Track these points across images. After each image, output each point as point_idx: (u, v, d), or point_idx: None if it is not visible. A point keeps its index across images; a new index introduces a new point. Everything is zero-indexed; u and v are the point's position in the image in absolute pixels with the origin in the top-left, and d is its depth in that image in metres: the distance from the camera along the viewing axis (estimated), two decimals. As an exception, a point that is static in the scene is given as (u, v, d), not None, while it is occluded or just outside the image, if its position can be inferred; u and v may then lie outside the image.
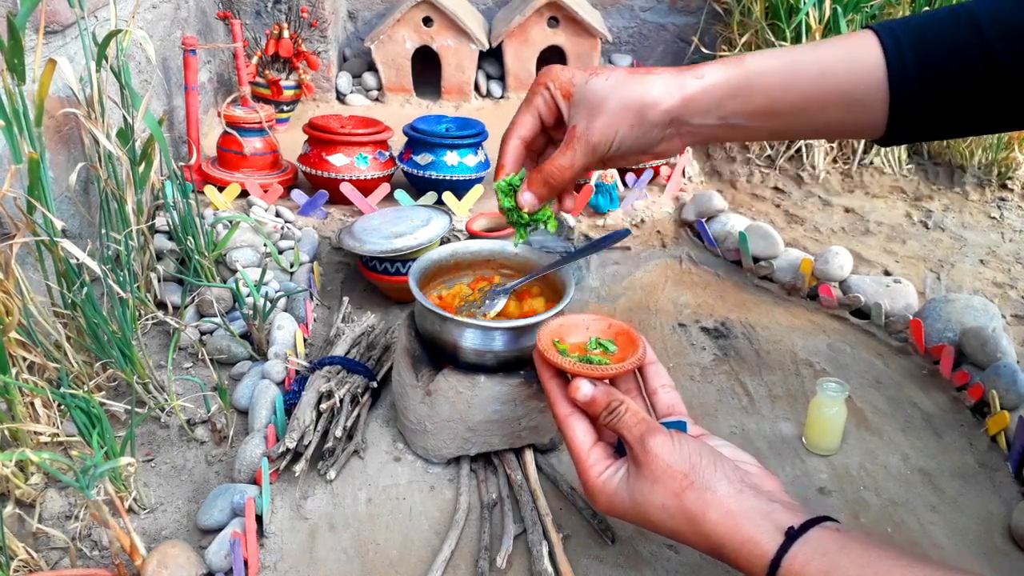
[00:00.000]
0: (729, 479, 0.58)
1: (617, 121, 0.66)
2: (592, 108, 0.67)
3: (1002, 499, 0.82)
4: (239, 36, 1.43)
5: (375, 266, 1.09)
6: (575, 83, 0.68)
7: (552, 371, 0.68)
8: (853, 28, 1.48)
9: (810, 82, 0.66)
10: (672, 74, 0.67)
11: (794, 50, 0.69)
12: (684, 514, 0.58)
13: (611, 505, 0.62)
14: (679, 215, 1.36)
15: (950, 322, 1.03)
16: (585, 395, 0.64)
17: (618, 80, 0.66)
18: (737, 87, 0.67)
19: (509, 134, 0.73)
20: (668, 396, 0.69)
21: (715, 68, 0.67)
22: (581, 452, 0.64)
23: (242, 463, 0.79)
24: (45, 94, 0.85)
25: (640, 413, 0.63)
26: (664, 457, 0.59)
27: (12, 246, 0.78)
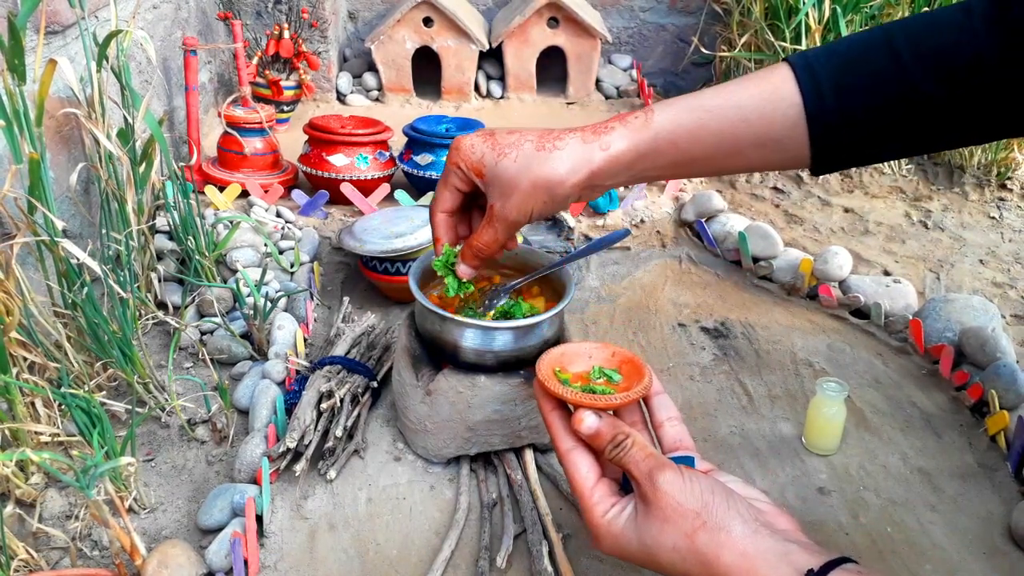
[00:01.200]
0: (743, 518, 0.55)
1: (530, 200, 0.67)
2: (504, 189, 0.68)
3: (1002, 499, 0.82)
4: (239, 36, 1.43)
5: (375, 266, 1.09)
6: (485, 163, 0.69)
7: (554, 402, 0.65)
8: (852, 29, 1.48)
9: (721, 132, 0.65)
10: (579, 144, 0.66)
11: (707, 97, 0.67)
12: (696, 556, 0.55)
13: (617, 547, 0.59)
14: (679, 215, 1.36)
15: (949, 322, 1.03)
16: (589, 427, 0.61)
17: (526, 160, 0.67)
18: (646, 151, 0.66)
19: (433, 210, 0.75)
20: (675, 430, 0.66)
21: (622, 136, 0.66)
22: (584, 490, 0.61)
23: (242, 463, 0.79)
24: (46, 94, 0.85)
25: (648, 447, 0.60)
26: (675, 495, 0.56)
27: (13, 246, 0.78)
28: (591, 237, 1.28)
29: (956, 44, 0.60)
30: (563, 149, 0.66)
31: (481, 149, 0.69)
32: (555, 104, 1.89)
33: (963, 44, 0.60)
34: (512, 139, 0.68)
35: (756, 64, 1.60)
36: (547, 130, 0.69)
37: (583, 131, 0.67)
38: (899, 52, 0.61)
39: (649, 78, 1.99)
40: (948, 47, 0.60)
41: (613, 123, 0.67)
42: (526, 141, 0.67)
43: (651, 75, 2.03)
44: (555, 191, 0.67)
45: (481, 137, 0.70)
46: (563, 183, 0.66)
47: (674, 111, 0.66)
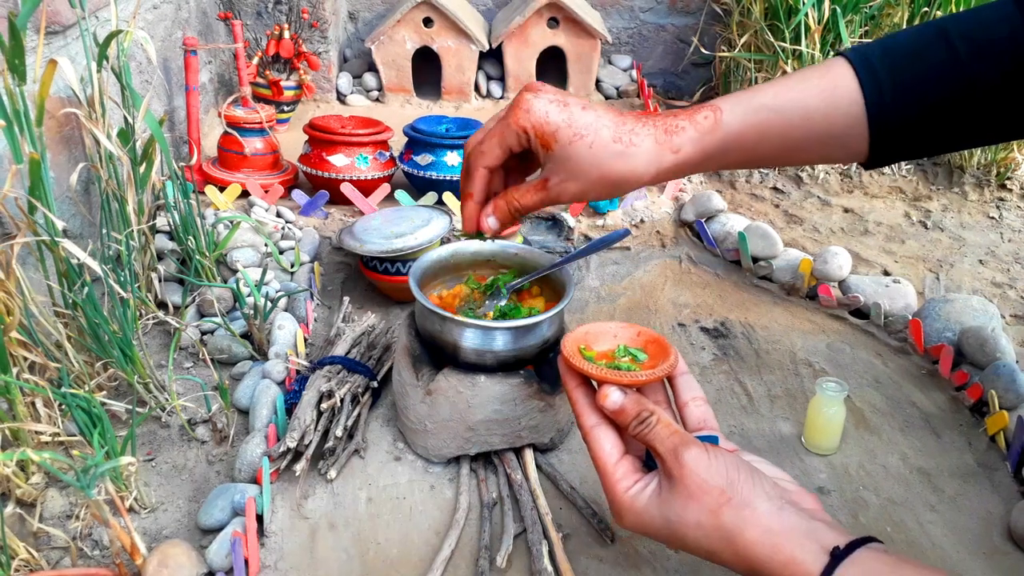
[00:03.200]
0: (769, 496, 0.55)
1: (591, 189, 0.66)
2: (570, 172, 0.66)
3: (1001, 499, 0.82)
4: (240, 37, 1.43)
5: (375, 266, 1.09)
6: (558, 139, 0.65)
7: (578, 379, 0.65)
8: (852, 29, 1.48)
9: (785, 132, 0.65)
10: (653, 145, 0.65)
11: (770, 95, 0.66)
12: (721, 533, 0.55)
13: (640, 522, 0.59)
14: (678, 215, 1.36)
15: (949, 322, 1.03)
16: (614, 403, 0.61)
17: (601, 149, 0.64)
18: (713, 153, 0.66)
19: (475, 162, 0.70)
20: (700, 409, 0.65)
21: (692, 140, 0.65)
22: (607, 466, 0.61)
23: (243, 463, 0.79)
24: (46, 94, 0.85)
25: (673, 425, 0.59)
26: (700, 472, 0.56)
27: (13, 246, 0.78)
28: (591, 237, 1.28)
29: (1012, 36, 0.61)
30: (638, 147, 0.64)
31: (556, 120, 0.65)
32: (555, 104, 1.88)
33: (1020, 35, 0.60)
34: (589, 119, 0.65)
35: (756, 64, 1.60)
36: (619, 114, 0.66)
37: (655, 126, 0.65)
38: (955, 46, 0.62)
39: (649, 78, 1.99)
40: (1004, 39, 0.61)
41: (683, 121, 0.65)
42: (603, 127, 0.64)
43: (651, 75, 2.03)
44: (620, 186, 0.66)
45: (556, 105, 0.65)
46: (631, 182, 0.65)
47: (741, 111, 0.65)
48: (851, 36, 1.47)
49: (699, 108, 0.66)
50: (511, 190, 0.70)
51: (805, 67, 0.69)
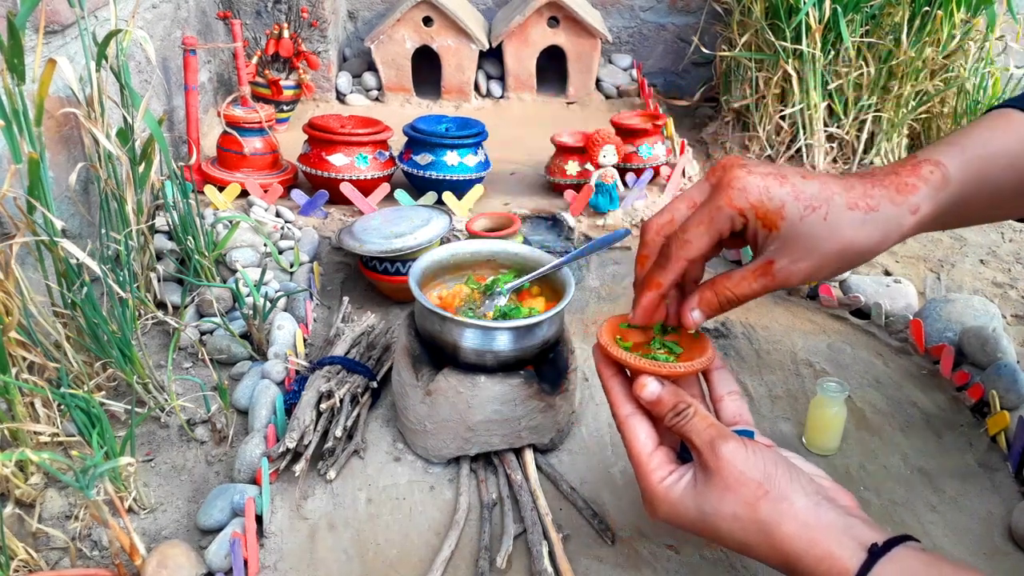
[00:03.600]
0: (806, 491, 0.55)
1: (827, 266, 0.59)
2: (803, 250, 0.58)
3: (1002, 499, 0.82)
4: (239, 36, 1.43)
5: (375, 266, 1.09)
6: (785, 215, 0.58)
7: (613, 368, 0.64)
8: (853, 28, 1.48)
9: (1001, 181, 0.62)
10: (891, 206, 0.58)
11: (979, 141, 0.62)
12: (757, 526, 0.54)
13: (674, 513, 0.58)
14: (679, 215, 1.36)
15: (950, 322, 1.03)
16: (651, 393, 0.60)
17: (837, 221, 0.58)
18: (944, 211, 0.61)
19: (677, 252, 0.60)
20: (735, 404, 0.64)
21: (928, 197, 0.59)
22: (642, 455, 0.60)
23: (242, 463, 0.79)
24: (45, 94, 0.85)
25: (710, 417, 0.59)
26: (737, 464, 0.55)
27: (12, 246, 0.78)
28: (591, 237, 1.28)
29: None
30: (877, 211, 0.58)
31: (780, 195, 0.58)
32: (555, 104, 1.89)
33: None
34: (814, 189, 0.58)
35: (756, 64, 1.60)
36: (843, 179, 0.60)
37: (884, 187, 0.59)
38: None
39: (649, 78, 1.99)
40: None
41: (911, 179, 0.59)
42: (834, 193, 0.58)
43: (651, 75, 2.03)
44: (861, 258, 0.60)
45: (775, 179, 0.58)
46: (872, 251, 0.59)
47: (960, 162, 0.61)
48: (852, 36, 1.47)
49: (918, 163, 0.61)
50: (720, 279, 0.62)
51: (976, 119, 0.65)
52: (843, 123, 1.56)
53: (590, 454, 0.86)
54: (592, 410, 0.93)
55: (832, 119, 1.58)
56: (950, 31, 1.48)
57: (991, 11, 1.49)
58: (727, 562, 0.73)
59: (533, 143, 1.54)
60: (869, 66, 1.50)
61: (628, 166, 1.36)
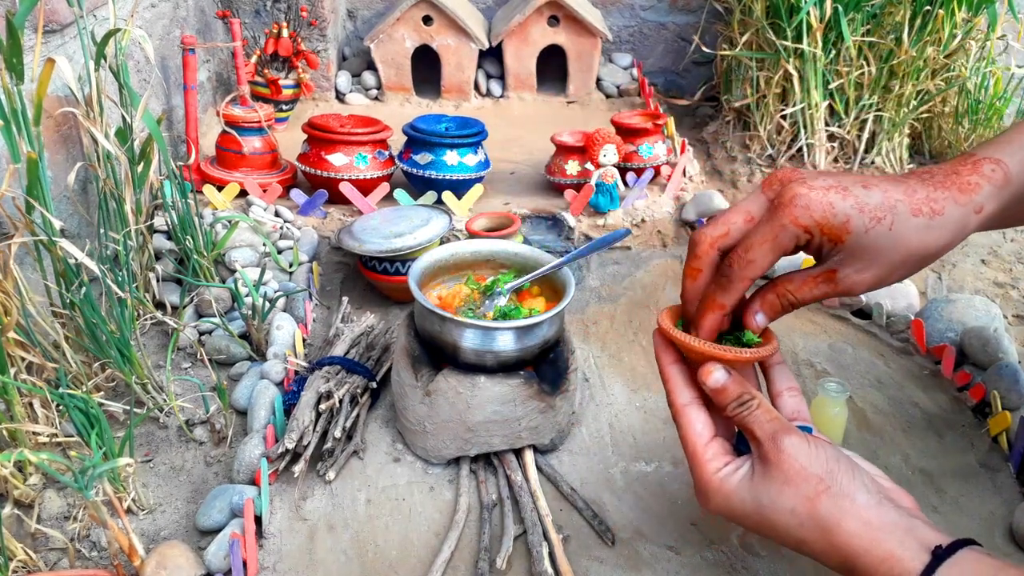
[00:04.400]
0: (868, 489, 0.54)
1: (892, 273, 0.59)
2: (869, 260, 0.59)
3: (1003, 499, 0.81)
4: (238, 35, 1.43)
5: (374, 266, 1.09)
6: (851, 229, 0.57)
7: (674, 355, 0.63)
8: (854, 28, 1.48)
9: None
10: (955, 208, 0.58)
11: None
12: (816, 522, 0.53)
13: (728, 506, 0.57)
14: (680, 215, 1.36)
15: (951, 322, 1.02)
16: (717, 381, 0.59)
17: (902, 228, 0.57)
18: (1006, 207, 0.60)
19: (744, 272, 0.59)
20: (794, 400, 0.64)
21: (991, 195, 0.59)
22: (698, 446, 0.59)
23: (241, 464, 0.79)
24: (44, 93, 0.84)
25: (773, 410, 0.58)
26: (799, 458, 0.54)
27: (11, 246, 0.78)
28: (591, 237, 1.28)
29: None
30: (943, 215, 0.58)
31: (844, 210, 0.57)
32: (555, 103, 1.88)
33: None
34: (879, 198, 0.58)
35: (757, 63, 1.59)
36: (904, 182, 0.59)
37: (947, 188, 0.59)
38: None
39: (650, 77, 1.98)
40: None
41: (974, 178, 0.59)
42: (897, 201, 0.58)
43: (652, 74, 2.03)
44: (927, 262, 0.60)
45: (837, 192, 0.58)
46: (937, 254, 0.59)
47: (1021, 159, 0.60)
48: (853, 35, 1.46)
49: (977, 161, 0.61)
50: (782, 282, 0.62)
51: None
52: (844, 122, 1.56)
53: (590, 455, 0.86)
54: (592, 410, 0.93)
55: (833, 118, 1.57)
56: (951, 30, 1.47)
57: (992, 10, 1.49)
58: (728, 563, 0.73)
59: (533, 143, 1.54)
60: (870, 65, 1.50)
61: (628, 165, 1.36)
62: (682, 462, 0.85)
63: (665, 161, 1.39)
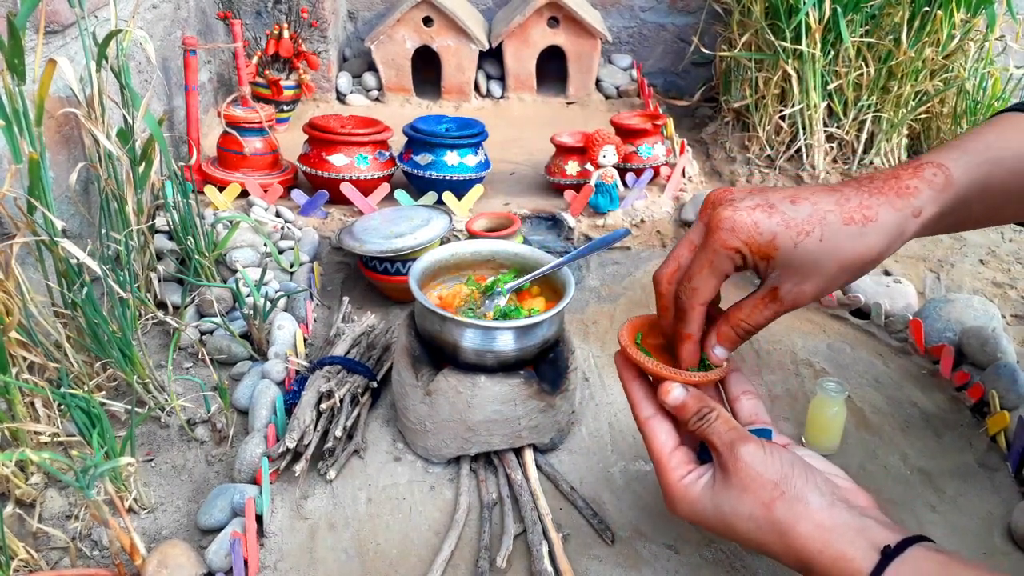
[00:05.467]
0: (821, 491, 0.56)
1: (831, 283, 0.60)
2: (803, 274, 0.60)
3: (1002, 499, 0.82)
4: (239, 36, 1.43)
5: (375, 266, 1.09)
6: (779, 246, 0.58)
7: (635, 372, 0.66)
8: (853, 29, 1.48)
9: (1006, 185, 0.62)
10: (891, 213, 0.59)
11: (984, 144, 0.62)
12: (773, 525, 0.56)
13: (692, 511, 0.60)
14: (679, 215, 1.36)
15: (950, 322, 1.03)
16: (676, 399, 0.62)
17: (833, 239, 0.58)
18: (947, 213, 0.61)
19: (690, 302, 0.62)
20: (751, 403, 0.66)
21: (931, 199, 0.59)
22: (663, 455, 0.62)
23: (242, 463, 0.79)
24: (45, 94, 0.85)
25: (731, 420, 0.60)
26: (755, 466, 0.57)
27: (12, 246, 0.78)
28: (591, 237, 1.28)
29: None
30: (876, 221, 0.58)
31: (770, 228, 0.58)
32: (555, 104, 1.89)
33: None
34: (807, 211, 0.58)
35: (756, 64, 1.60)
36: (838, 191, 0.60)
37: (882, 192, 0.59)
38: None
39: (649, 78, 1.98)
40: None
41: (913, 181, 0.60)
42: (827, 213, 0.58)
43: (651, 75, 2.03)
44: (868, 267, 0.60)
45: (763, 211, 0.59)
46: (875, 261, 0.60)
47: (964, 164, 0.61)
48: (852, 36, 1.47)
49: (920, 165, 0.61)
50: (733, 312, 0.64)
51: (983, 122, 0.64)
52: (843, 123, 1.56)
53: (590, 454, 0.86)
54: (592, 410, 0.93)
55: (832, 119, 1.58)
56: (950, 31, 1.48)
57: (991, 11, 1.49)
58: (727, 562, 0.73)
59: (533, 143, 1.54)
60: (869, 66, 1.50)
61: (628, 166, 1.36)
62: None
63: (664, 162, 1.40)
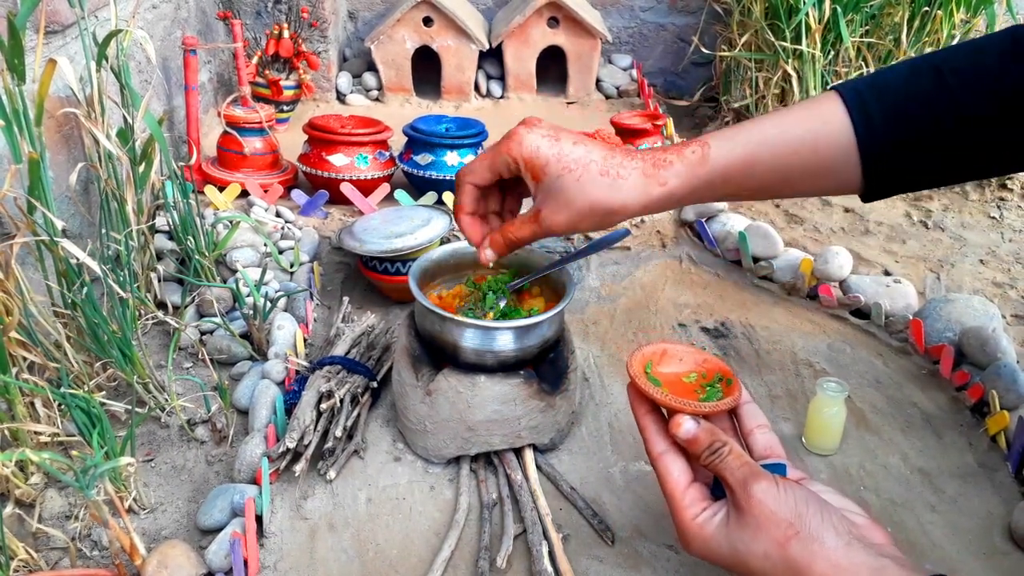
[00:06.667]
0: (837, 530, 0.55)
1: (581, 219, 0.68)
2: (559, 203, 0.68)
3: (1002, 499, 0.82)
4: (239, 36, 1.43)
5: (375, 266, 1.09)
6: (547, 172, 0.68)
7: (647, 405, 0.65)
8: (853, 28, 1.48)
9: (773, 165, 0.67)
10: (640, 178, 0.67)
11: (758, 130, 0.68)
12: (788, 565, 0.54)
13: (706, 549, 0.59)
14: (679, 215, 1.36)
15: (950, 322, 1.03)
16: (687, 432, 0.61)
17: (589, 181, 0.67)
18: (700, 187, 0.68)
19: (463, 178, 0.73)
20: (765, 437, 0.66)
21: (678, 174, 0.67)
22: (676, 492, 0.61)
23: (242, 463, 0.79)
24: (45, 94, 0.85)
25: (744, 456, 0.60)
26: (769, 504, 0.56)
27: (12, 246, 0.78)
28: (591, 237, 1.28)
29: (1001, 67, 0.62)
30: (626, 179, 0.67)
31: (546, 154, 0.68)
32: (555, 104, 1.89)
33: (1008, 68, 0.62)
34: (578, 153, 0.68)
35: (756, 64, 1.60)
36: (611, 151, 0.68)
37: (643, 160, 0.68)
38: (944, 76, 0.63)
39: (649, 78, 1.98)
40: (993, 69, 0.62)
41: (672, 156, 0.68)
42: (591, 161, 0.67)
43: (651, 75, 2.03)
44: (609, 217, 0.68)
45: (548, 140, 0.69)
46: (619, 213, 0.68)
47: (729, 145, 0.67)
48: (852, 36, 1.47)
49: (688, 143, 0.68)
50: (506, 225, 0.73)
51: (797, 102, 0.70)
52: (843, 123, 1.56)
53: (590, 454, 0.86)
54: (592, 410, 0.93)
55: (832, 119, 1.58)
56: (950, 31, 1.48)
57: (991, 11, 1.49)
58: (727, 562, 0.73)
59: (533, 143, 1.54)
60: (869, 66, 1.50)
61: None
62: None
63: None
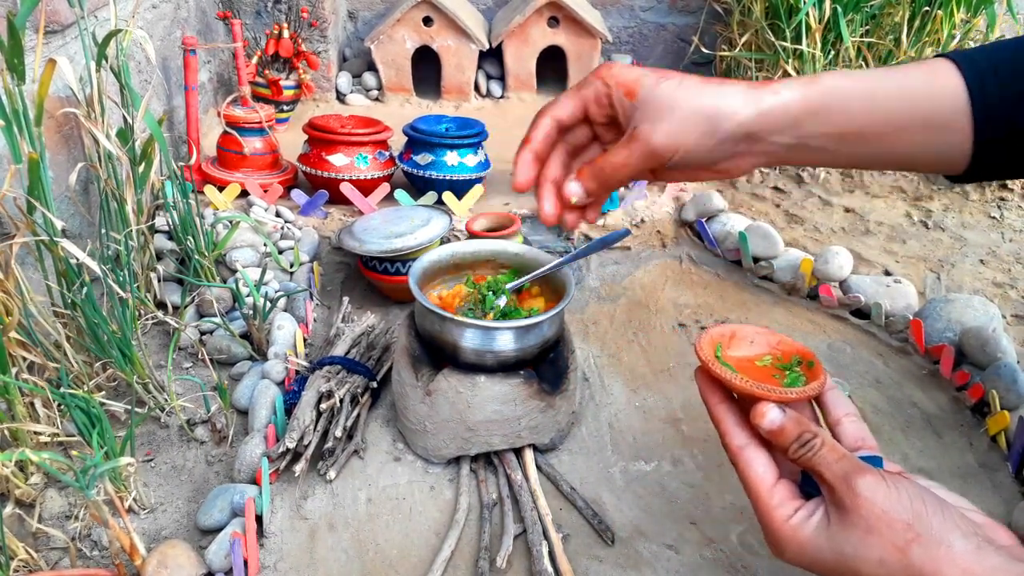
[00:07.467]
0: (963, 532, 0.49)
1: (687, 129, 0.59)
2: (659, 112, 0.59)
3: (1002, 499, 0.82)
4: (239, 36, 1.43)
5: (375, 266, 1.09)
6: (642, 84, 0.60)
7: (720, 393, 0.59)
8: (853, 28, 1.48)
9: (890, 103, 0.61)
10: (746, 87, 0.60)
11: (870, 72, 0.63)
12: (909, 572, 0.49)
13: (804, 555, 0.53)
14: (679, 215, 1.36)
15: (950, 322, 1.03)
16: (772, 422, 0.54)
17: (691, 86, 0.59)
18: (815, 106, 0.60)
19: (544, 111, 0.64)
20: (854, 426, 0.59)
21: (790, 85, 0.60)
22: (763, 491, 0.55)
23: (242, 463, 0.79)
24: (45, 94, 0.85)
25: (840, 448, 0.53)
26: (879, 503, 0.50)
27: (12, 246, 0.78)
28: (591, 237, 1.28)
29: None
30: (732, 85, 0.60)
31: (638, 71, 0.61)
32: (555, 104, 1.88)
33: None
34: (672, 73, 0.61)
35: (756, 64, 1.60)
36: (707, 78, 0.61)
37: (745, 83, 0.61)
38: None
39: (649, 78, 1.98)
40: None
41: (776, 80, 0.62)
42: (689, 77, 0.60)
43: (651, 75, 2.03)
44: (719, 123, 0.59)
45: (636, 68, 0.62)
46: (731, 117, 0.59)
47: (839, 76, 0.61)
48: (852, 36, 1.47)
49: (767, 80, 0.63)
50: (599, 156, 0.63)
51: None
52: (843, 123, 1.56)
53: (590, 454, 0.86)
54: (592, 410, 0.93)
55: (832, 119, 1.58)
56: (950, 31, 1.48)
57: (991, 11, 1.49)
58: (727, 562, 0.73)
59: (533, 143, 1.54)
60: (869, 66, 1.50)
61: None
62: (681, 461, 0.85)
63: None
